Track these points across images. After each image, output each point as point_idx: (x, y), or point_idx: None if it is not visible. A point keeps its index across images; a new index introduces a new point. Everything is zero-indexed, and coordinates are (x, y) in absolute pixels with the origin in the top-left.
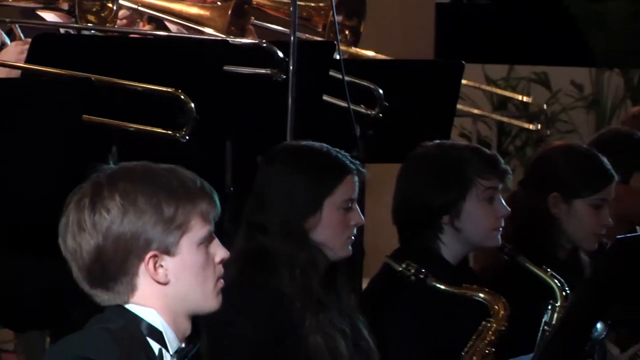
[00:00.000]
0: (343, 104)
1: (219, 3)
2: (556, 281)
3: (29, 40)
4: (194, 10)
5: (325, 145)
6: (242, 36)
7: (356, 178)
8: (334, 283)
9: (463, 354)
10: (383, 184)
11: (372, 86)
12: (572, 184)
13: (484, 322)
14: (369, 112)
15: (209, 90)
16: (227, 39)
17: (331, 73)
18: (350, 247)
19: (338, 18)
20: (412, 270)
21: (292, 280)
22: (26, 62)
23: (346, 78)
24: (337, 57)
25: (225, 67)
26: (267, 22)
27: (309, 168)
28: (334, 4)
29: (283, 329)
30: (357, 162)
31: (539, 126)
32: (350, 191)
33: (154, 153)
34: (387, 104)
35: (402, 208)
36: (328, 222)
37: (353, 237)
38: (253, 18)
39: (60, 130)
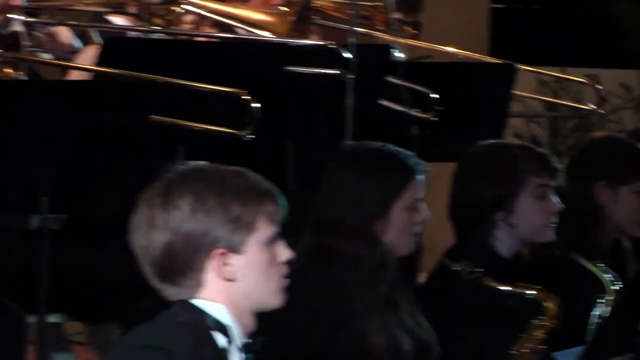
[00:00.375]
0: (398, 107)
1: (281, 8)
2: (607, 275)
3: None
4: (257, 15)
5: (392, 146)
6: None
7: (422, 177)
8: (396, 278)
9: (512, 352)
10: (438, 182)
11: (426, 91)
12: (618, 171)
13: (534, 320)
14: (423, 115)
15: (272, 91)
16: (292, 40)
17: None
18: (414, 245)
19: (397, 14)
20: (468, 270)
21: (359, 281)
22: (98, 64)
23: (402, 82)
24: (397, 56)
25: (291, 68)
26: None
27: (378, 171)
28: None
29: (344, 327)
30: (421, 161)
31: (593, 107)
32: (417, 193)
33: (219, 153)
34: (441, 108)
35: (457, 205)
36: (396, 223)
37: (417, 234)
38: (318, 18)
39: (129, 130)
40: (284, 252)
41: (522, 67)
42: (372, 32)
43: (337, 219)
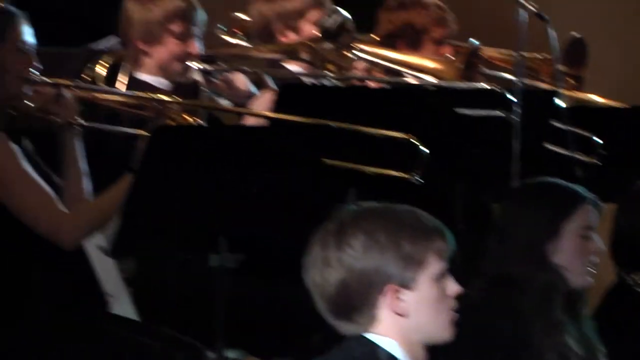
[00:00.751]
0: (562, 150)
1: (450, 56)
2: None
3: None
4: (426, 62)
5: (560, 180)
6: None
7: (593, 209)
8: (572, 309)
9: None
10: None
11: (590, 135)
12: None
13: None
14: (587, 160)
15: (441, 133)
16: (459, 83)
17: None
18: (590, 277)
19: (561, 67)
20: None
21: (532, 301)
22: (273, 110)
23: (565, 126)
24: (559, 105)
25: (458, 110)
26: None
27: (547, 196)
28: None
29: (520, 346)
30: (593, 195)
31: None
32: (588, 219)
33: (389, 194)
34: (604, 152)
35: (619, 244)
36: (567, 247)
37: (593, 266)
38: (485, 68)
39: (303, 172)
40: (453, 287)
41: None
42: (536, 82)
43: (509, 246)
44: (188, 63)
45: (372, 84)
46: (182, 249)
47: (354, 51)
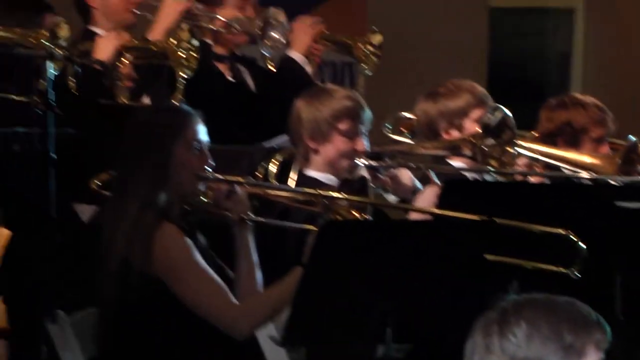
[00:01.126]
0: None
1: (608, 153)
2: None
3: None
4: (585, 158)
5: None
6: None
7: None
8: None
9: None
10: None
11: None
12: None
13: None
14: None
15: (600, 226)
16: (617, 177)
17: None
18: None
19: None
20: None
21: None
22: (438, 206)
23: None
24: None
25: (619, 204)
26: None
27: None
28: None
29: None
30: None
31: None
32: None
33: (550, 286)
34: None
35: None
36: None
37: None
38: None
39: (465, 267)
40: None
41: None
42: None
43: None
44: (355, 160)
45: (533, 179)
46: (350, 339)
47: (515, 147)
